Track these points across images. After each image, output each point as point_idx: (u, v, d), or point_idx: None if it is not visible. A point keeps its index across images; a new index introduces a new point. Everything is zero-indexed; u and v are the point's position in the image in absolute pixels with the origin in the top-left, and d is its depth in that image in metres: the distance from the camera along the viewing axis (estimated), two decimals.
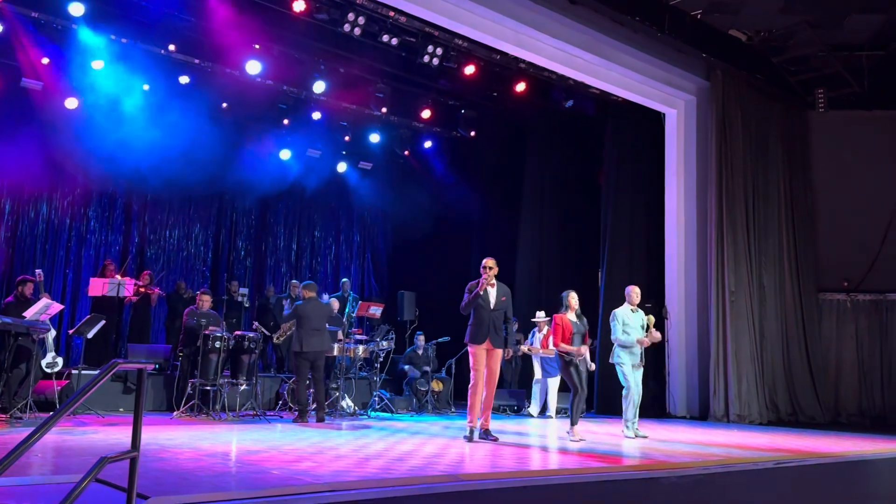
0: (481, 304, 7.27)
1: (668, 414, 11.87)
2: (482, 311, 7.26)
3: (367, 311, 11.62)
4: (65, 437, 6.44)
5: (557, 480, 4.68)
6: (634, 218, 12.79)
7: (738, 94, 12.40)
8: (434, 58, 10.98)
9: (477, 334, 7.26)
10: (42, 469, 4.68)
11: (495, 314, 7.29)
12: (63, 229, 12.56)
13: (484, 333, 7.23)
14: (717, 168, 11.95)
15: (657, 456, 6.09)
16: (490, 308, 7.28)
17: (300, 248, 15.44)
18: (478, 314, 7.29)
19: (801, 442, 8.06)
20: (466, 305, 7.34)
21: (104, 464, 2.89)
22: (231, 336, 9.28)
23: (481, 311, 7.27)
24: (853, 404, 12.86)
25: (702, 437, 8.38)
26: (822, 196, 13.34)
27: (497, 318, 7.30)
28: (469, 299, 7.30)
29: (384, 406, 10.59)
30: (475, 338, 7.27)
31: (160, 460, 4.99)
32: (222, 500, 3.50)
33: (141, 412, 3.15)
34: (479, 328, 7.26)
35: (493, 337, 7.24)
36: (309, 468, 4.76)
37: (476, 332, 7.27)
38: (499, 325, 7.31)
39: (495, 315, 7.29)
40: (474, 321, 7.31)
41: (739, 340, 11.65)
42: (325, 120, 13.36)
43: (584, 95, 12.61)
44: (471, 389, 7.23)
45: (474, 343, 7.27)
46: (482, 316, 7.26)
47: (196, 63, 11.57)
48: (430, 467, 4.94)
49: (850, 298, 13.14)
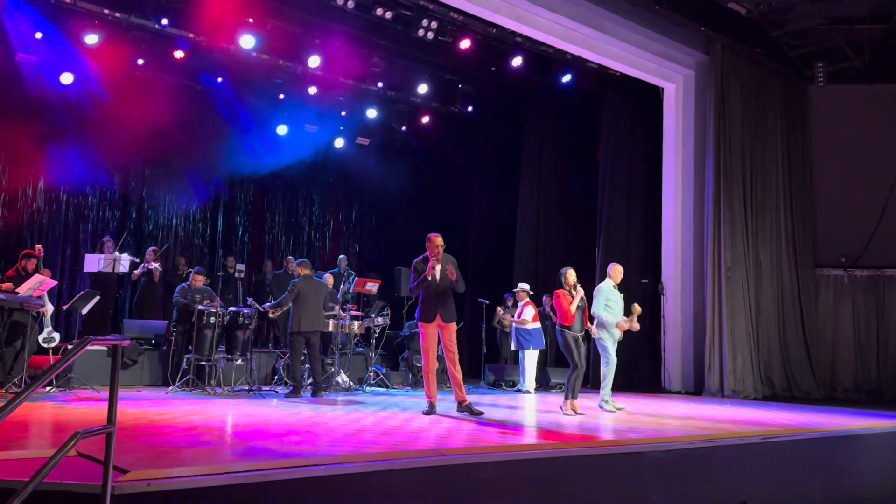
0: (427, 281, 7.22)
1: (664, 389, 11.92)
2: (428, 287, 7.20)
3: (364, 287, 11.64)
4: (57, 412, 6.50)
5: (541, 455, 4.71)
6: (631, 193, 12.76)
7: (738, 68, 12.29)
8: (429, 31, 10.88)
9: (426, 312, 7.21)
10: (29, 444, 4.72)
11: (442, 287, 7.21)
12: (60, 206, 12.56)
13: (433, 311, 7.18)
14: (715, 143, 11.88)
15: (644, 429, 6.12)
16: (437, 282, 7.20)
17: (297, 224, 15.44)
18: (425, 292, 7.24)
19: (791, 417, 8.10)
20: (415, 288, 7.28)
21: (78, 438, 2.91)
22: (226, 312, 9.31)
23: (428, 289, 7.21)
24: (849, 379, 12.91)
25: (693, 411, 8.42)
26: (821, 171, 13.28)
27: (445, 291, 7.23)
28: (418, 283, 7.23)
29: (380, 381, 10.65)
30: (425, 316, 7.22)
31: (148, 435, 5.03)
32: (202, 475, 3.53)
33: (116, 387, 3.17)
34: (427, 306, 7.21)
35: (443, 313, 7.19)
36: (296, 442, 4.79)
37: (425, 309, 7.22)
38: (447, 297, 7.25)
39: (443, 288, 7.22)
40: (423, 299, 7.27)
41: (735, 316, 11.66)
42: (321, 95, 13.28)
43: (581, 70, 12.51)
44: (424, 368, 7.28)
45: (424, 321, 7.22)
46: (429, 293, 7.21)
47: (190, 37, 11.47)
48: (415, 442, 4.97)
49: (848, 274, 13.12)
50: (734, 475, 5.57)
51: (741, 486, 5.57)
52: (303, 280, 9.10)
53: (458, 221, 14.61)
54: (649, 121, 12.87)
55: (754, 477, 5.69)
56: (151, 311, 11.62)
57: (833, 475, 6.31)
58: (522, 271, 13.45)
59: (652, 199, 12.71)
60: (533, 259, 13.83)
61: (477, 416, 7.02)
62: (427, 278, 7.17)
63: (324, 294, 9.31)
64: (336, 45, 12.01)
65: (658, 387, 11.98)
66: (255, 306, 9.42)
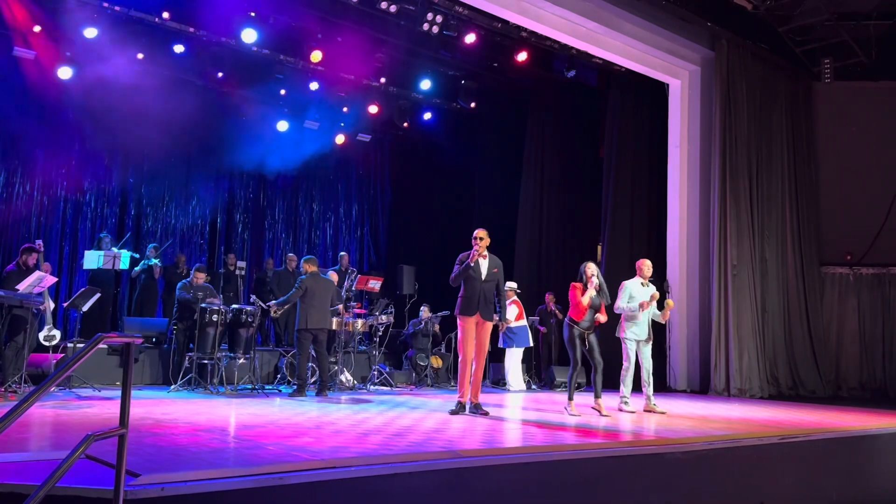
0: (472, 276, 7.05)
1: (669, 388, 11.82)
2: (473, 282, 7.05)
3: (366, 285, 11.50)
4: (59, 411, 6.36)
5: (559, 456, 4.59)
6: (636, 190, 12.65)
7: (743, 64, 12.18)
8: (434, 26, 10.75)
9: (467, 306, 7.06)
10: (33, 445, 4.59)
11: (486, 286, 7.08)
12: (58, 202, 12.39)
13: (475, 306, 7.03)
14: (720, 140, 11.78)
15: (661, 431, 6.00)
16: (482, 279, 7.06)
17: (298, 221, 15.28)
18: (468, 286, 7.08)
19: (804, 416, 7.99)
20: (456, 277, 7.13)
21: (90, 441, 2.78)
22: (229, 309, 9.17)
23: (472, 283, 7.06)
24: (854, 378, 12.82)
25: (704, 411, 8.30)
26: (826, 168, 13.19)
27: (488, 290, 7.09)
28: (459, 270, 7.09)
29: (383, 380, 10.52)
30: (465, 309, 7.06)
31: (154, 436, 4.90)
32: (215, 478, 3.40)
33: (129, 387, 3.04)
34: (469, 300, 7.06)
35: (483, 309, 7.04)
36: (307, 444, 4.66)
37: (466, 303, 7.07)
38: (490, 297, 7.10)
39: (486, 287, 7.08)
40: (465, 293, 7.11)
41: (741, 314, 11.56)
42: (322, 91, 13.14)
43: (586, 65, 12.39)
44: (461, 365, 7.09)
45: (464, 315, 7.06)
46: (473, 287, 7.05)
47: (190, 31, 11.33)
48: (430, 443, 4.85)
49: (853, 272, 13.04)
50: (753, 476, 5.46)
51: (760, 487, 5.47)
52: (310, 277, 8.97)
53: (459, 218, 14.46)
54: (654, 117, 12.76)
55: (773, 478, 5.59)
56: (151, 309, 11.47)
57: (850, 475, 6.21)
58: (523, 268, 13.33)
59: (656, 197, 12.61)
60: (535, 256, 13.71)
61: (484, 415, 6.92)
62: (470, 265, 7.02)
63: (331, 291, 9.17)
64: (338, 39, 11.87)
65: (663, 385, 11.86)
66: (258, 304, 9.27)
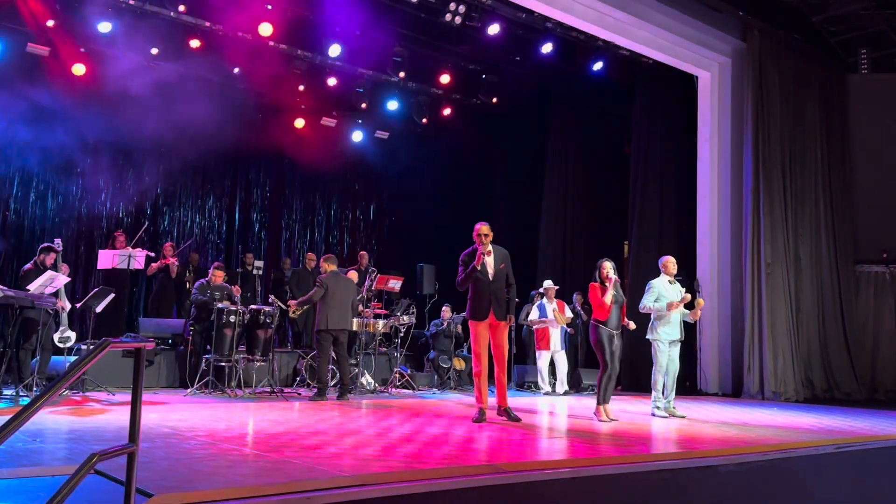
0: (479, 277, 6.62)
1: (700, 391, 11.41)
2: (481, 283, 6.61)
3: (386, 285, 11.17)
4: (72, 418, 6.07)
5: (604, 471, 4.24)
6: (664, 186, 12.22)
7: (776, 55, 11.74)
8: (456, 16, 10.40)
9: (478, 309, 6.61)
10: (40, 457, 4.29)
11: (495, 285, 6.65)
12: (73, 201, 12.17)
13: (486, 308, 6.59)
14: (753, 134, 11.35)
15: (709, 440, 5.63)
16: (490, 279, 6.63)
17: (316, 219, 14.99)
18: (477, 287, 6.63)
19: (852, 423, 7.56)
20: (463, 281, 6.69)
21: (94, 461, 2.46)
22: (246, 310, 8.88)
23: (480, 285, 6.61)
24: (891, 380, 12.35)
25: (744, 417, 7.90)
26: (861, 162, 12.73)
27: (498, 289, 6.65)
28: (465, 274, 6.64)
29: (405, 383, 10.19)
30: (476, 314, 6.62)
31: (169, 447, 4.58)
32: (235, 498, 3.08)
33: (140, 399, 2.72)
34: (479, 302, 6.61)
35: (496, 310, 6.60)
36: (332, 456, 4.34)
37: (476, 306, 6.62)
38: (501, 296, 6.66)
39: (496, 286, 6.65)
40: (474, 295, 6.66)
41: (775, 314, 11.13)
42: (340, 86, 12.83)
43: (612, 58, 12.00)
44: (475, 375, 6.67)
45: (476, 320, 6.62)
46: (482, 289, 6.61)
47: (206, 26, 11.07)
48: (467, 455, 4.51)
49: (889, 270, 12.57)
50: (808, 488, 5.08)
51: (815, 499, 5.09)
52: (330, 276, 8.66)
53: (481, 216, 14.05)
54: (682, 111, 12.33)
55: (829, 489, 5.21)
56: (168, 309, 11.21)
57: None
58: (548, 267, 12.97)
59: (686, 192, 12.18)
60: (560, 254, 13.33)
61: (515, 421, 6.57)
62: (476, 268, 6.60)
63: (352, 291, 8.86)
64: (357, 33, 11.57)
65: (694, 389, 11.46)
66: (276, 304, 8.98)
